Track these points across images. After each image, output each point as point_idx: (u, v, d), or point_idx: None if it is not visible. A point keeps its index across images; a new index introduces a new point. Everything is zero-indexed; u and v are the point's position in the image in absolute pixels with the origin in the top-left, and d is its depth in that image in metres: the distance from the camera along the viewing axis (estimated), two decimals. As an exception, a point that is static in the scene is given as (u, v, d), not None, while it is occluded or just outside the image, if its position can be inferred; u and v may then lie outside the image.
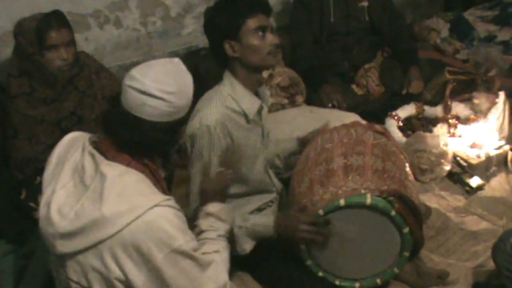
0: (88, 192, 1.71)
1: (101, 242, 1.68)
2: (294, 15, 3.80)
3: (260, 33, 2.32)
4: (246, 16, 2.31)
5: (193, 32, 3.85)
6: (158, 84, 1.76)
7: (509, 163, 3.17)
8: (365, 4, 3.72)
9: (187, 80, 1.86)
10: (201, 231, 2.02)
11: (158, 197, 1.74)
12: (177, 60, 1.89)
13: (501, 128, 3.27)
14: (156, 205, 1.70)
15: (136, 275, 1.69)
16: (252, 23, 2.31)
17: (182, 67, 1.87)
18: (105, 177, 1.71)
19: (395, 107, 3.48)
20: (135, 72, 1.79)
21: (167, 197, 1.76)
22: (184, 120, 1.91)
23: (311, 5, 3.68)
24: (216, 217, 2.06)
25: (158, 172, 1.83)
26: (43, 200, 1.78)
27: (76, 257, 1.72)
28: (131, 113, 1.77)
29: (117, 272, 1.69)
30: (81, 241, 1.69)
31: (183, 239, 1.72)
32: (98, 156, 1.77)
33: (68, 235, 1.70)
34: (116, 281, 1.71)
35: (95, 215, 1.67)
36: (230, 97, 2.38)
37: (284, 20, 4.05)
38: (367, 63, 3.76)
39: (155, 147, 1.84)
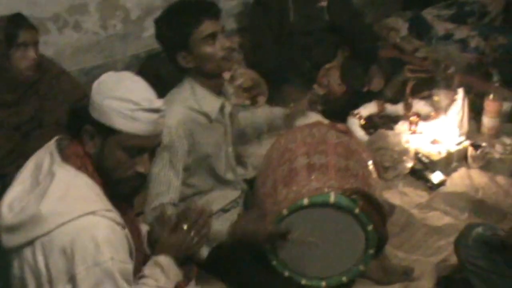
0: (36, 190, 1.69)
1: (35, 239, 1.64)
2: (253, 16, 3.80)
3: (210, 40, 2.30)
4: (193, 25, 2.28)
5: (154, 34, 3.82)
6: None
7: (469, 159, 3.22)
8: (324, 3, 3.73)
9: None
10: (143, 276, 1.89)
11: (99, 205, 1.69)
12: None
13: (461, 124, 3.32)
14: (93, 213, 1.65)
15: (58, 281, 1.64)
16: (200, 32, 2.28)
17: None
18: (53, 176, 1.68)
19: (357, 106, 3.51)
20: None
21: (109, 208, 1.71)
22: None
23: (270, 6, 3.68)
24: (162, 271, 1.91)
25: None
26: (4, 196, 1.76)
27: (18, 252, 1.69)
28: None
29: (44, 273, 1.65)
30: (20, 236, 1.66)
31: (110, 256, 1.64)
32: (55, 156, 1.74)
33: (11, 229, 1.67)
34: (46, 284, 1.65)
35: (33, 212, 1.64)
36: (191, 98, 2.37)
37: (244, 21, 4.05)
38: (328, 63, 3.78)
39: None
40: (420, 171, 3.18)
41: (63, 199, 1.66)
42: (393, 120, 3.51)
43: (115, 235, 1.69)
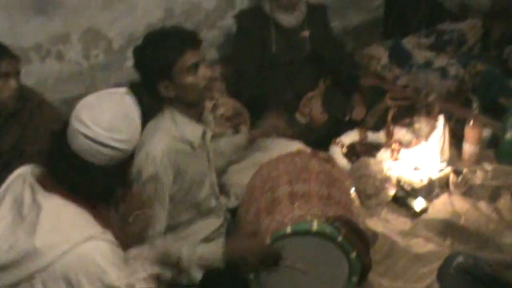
0: (23, 224, 1.68)
1: (33, 274, 1.63)
2: (236, 45, 3.83)
3: (193, 70, 2.32)
4: (177, 56, 2.29)
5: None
6: (111, 133, 1.73)
7: (451, 185, 3.24)
8: (307, 33, 3.77)
9: (136, 120, 1.83)
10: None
11: (93, 230, 1.70)
12: (123, 91, 1.85)
13: (442, 151, 3.34)
14: (90, 238, 1.66)
15: None
16: (183, 62, 2.29)
17: (131, 103, 1.84)
18: (41, 208, 1.68)
19: (339, 134, 3.53)
20: (85, 117, 1.74)
21: (103, 230, 1.72)
22: (131, 157, 1.90)
23: (253, 35, 3.71)
24: (140, 259, 1.95)
25: (98, 208, 1.79)
26: None
27: None
28: (81, 157, 1.74)
29: None
30: (14, 273, 1.65)
31: (116, 275, 1.68)
32: (37, 187, 1.74)
33: (2, 268, 1.66)
34: None
35: (28, 247, 1.63)
36: (173, 126, 2.37)
37: (226, 51, 4.07)
38: (310, 92, 3.80)
39: (104, 190, 1.81)
40: (402, 198, 3.19)
41: (56, 230, 1.66)
42: (375, 148, 3.52)
43: (114, 254, 1.72)
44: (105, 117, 1.75)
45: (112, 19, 3.67)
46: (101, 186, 1.79)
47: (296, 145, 3.12)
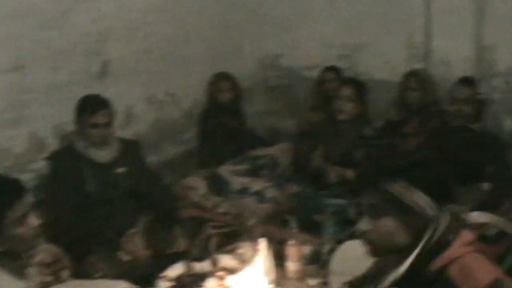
0: None
1: None
2: (50, 187, 3.74)
3: (22, 221, 2.23)
4: (5, 209, 2.20)
5: None
6: None
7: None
8: (122, 169, 3.77)
9: None
10: None
11: None
12: None
13: (267, 273, 3.39)
14: None
15: None
16: (13, 214, 2.20)
17: None
18: None
19: (164, 268, 3.48)
20: None
21: None
22: None
23: (67, 175, 3.65)
24: None
25: None
26: None
27: None
28: None
29: None
30: None
31: None
32: None
33: None
34: None
35: None
36: None
37: (41, 194, 3.94)
38: (130, 228, 3.76)
39: None
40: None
41: None
42: (202, 277, 3.50)
43: None
44: None
45: None
46: None
47: (121, 285, 3.04)
